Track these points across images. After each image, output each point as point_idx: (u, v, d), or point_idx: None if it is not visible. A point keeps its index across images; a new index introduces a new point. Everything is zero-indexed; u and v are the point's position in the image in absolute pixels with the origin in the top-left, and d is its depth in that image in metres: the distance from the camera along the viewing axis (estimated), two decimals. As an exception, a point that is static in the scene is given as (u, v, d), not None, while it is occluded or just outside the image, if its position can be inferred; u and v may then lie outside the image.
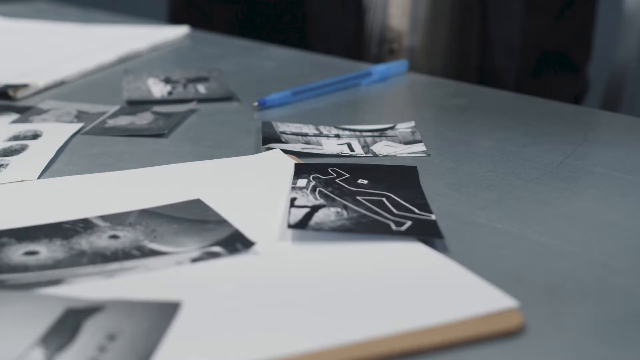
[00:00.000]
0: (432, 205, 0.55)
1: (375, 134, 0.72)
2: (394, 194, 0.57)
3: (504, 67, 1.22)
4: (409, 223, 0.52)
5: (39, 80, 0.89)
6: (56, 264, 0.48)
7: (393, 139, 0.71)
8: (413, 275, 0.46)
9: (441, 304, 0.43)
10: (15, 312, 0.42)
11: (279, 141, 0.68)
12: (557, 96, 0.87)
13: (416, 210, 0.54)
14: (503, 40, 1.21)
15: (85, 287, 0.45)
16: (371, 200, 0.56)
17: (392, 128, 0.73)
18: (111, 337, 0.40)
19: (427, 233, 0.51)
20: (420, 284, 0.45)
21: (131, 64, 1.00)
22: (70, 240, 0.51)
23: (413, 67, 1.19)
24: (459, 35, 1.23)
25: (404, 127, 0.73)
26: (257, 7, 1.29)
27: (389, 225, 0.52)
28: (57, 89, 0.89)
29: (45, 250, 0.49)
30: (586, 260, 0.49)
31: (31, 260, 0.48)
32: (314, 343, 0.39)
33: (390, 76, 0.92)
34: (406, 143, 0.70)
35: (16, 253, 0.49)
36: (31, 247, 0.50)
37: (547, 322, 0.42)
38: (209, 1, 1.31)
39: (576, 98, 1.29)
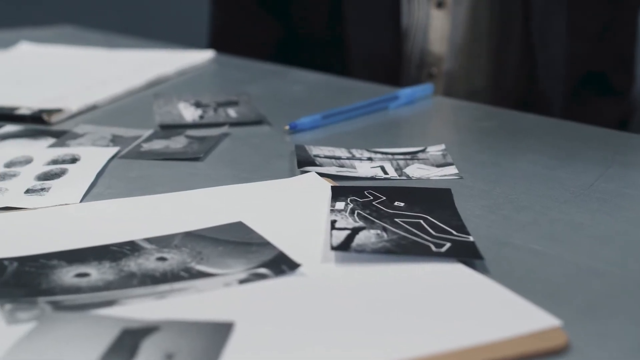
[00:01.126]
0: (468, 226, 0.56)
1: (407, 156, 0.73)
2: (430, 216, 0.58)
3: (549, 92, 1.23)
4: (448, 244, 0.53)
5: (72, 104, 0.90)
6: (107, 286, 0.49)
7: (425, 161, 0.72)
8: (457, 296, 0.48)
9: (487, 323, 0.44)
10: (73, 332, 0.43)
11: (314, 164, 0.70)
12: (602, 121, 0.88)
13: (454, 232, 0.55)
14: (548, 65, 1.22)
15: (138, 308, 0.47)
16: (409, 222, 0.57)
17: (423, 151, 0.75)
18: (169, 356, 0.41)
19: (467, 254, 0.52)
20: (464, 304, 0.47)
21: (160, 88, 1.02)
22: (119, 262, 0.52)
23: (452, 91, 1.20)
24: (498, 60, 1.25)
25: (435, 150, 0.75)
26: (296, 33, 1.31)
27: (429, 247, 0.53)
28: (90, 113, 0.91)
29: (95, 272, 0.51)
30: (624, 280, 0.50)
31: (83, 282, 0.49)
32: (372, 358, 0.40)
33: (416, 99, 0.93)
34: (438, 166, 0.71)
35: (67, 275, 0.50)
36: (81, 269, 0.51)
37: (591, 340, 0.43)
38: (250, 27, 1.33)
39: (623, 122, 1.30)
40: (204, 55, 1.17)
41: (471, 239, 0.54)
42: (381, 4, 1.23)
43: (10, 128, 0.84)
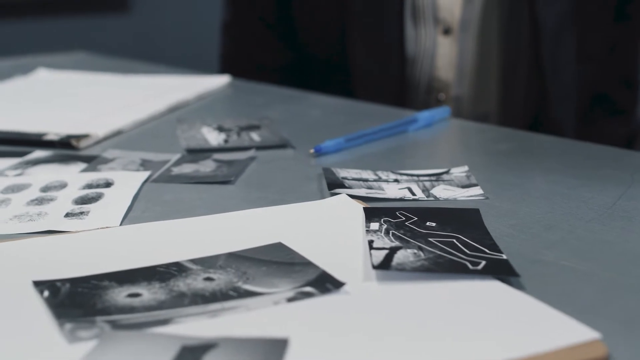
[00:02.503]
0: (500, 245, 0.59)
1: (432, 178, 0.75)
2: (462, 236, 0.60)
3: (559, 115, 1.25)
4: (483, 262, 0.55)
5: (99, 130, 0.92)
6: (160, 305, 0.51)
7: (450, 182, 0.74)
8: (497, 311, 0.50)
9: (528, 337, 0.46)
10: (135, 350, 0.45)
11: (343, 186, 0.72)
12: (609, 141, 0.90)
13: (487, 251, 0.57)
14: (558, 89, 1.24)
15: (193, 326, 0.48)
16: (443, 241, 0.59)
17: (447, 172, 0.77)
18: (230, 372, 0.43)
19: (503, 272, 0.54)
20: (505, 319, 0.49)
21: (181, 113, 1.04)
22: (168, 282, 0.54)
23: (461, 116, 1.22)
24: (506, 85, 1.27)
25: (459, 172, 0.77)
26: (305, 60, 1.34)
27: (465, 265, 0.55)
28: (115, 138, 0.93)
29: (146, 293, 0.53)
30: (656, 295, 0.52)
31: (136, 301, 0.51)
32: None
33: (434, 122, 0.96)
34: (463, 186, 0.73)
35: (120, 295, 0.52)
36: (133, 289, 0.53)
37: (630, 352, 0.45)
38: (259, 53, 1.36)
39: (630, 141, 1.32)
40: (220, 80, 1.19)
41: (504, 257, 0.56)
42: (387, 32, 1.25)
43: (40, 153, 0.86)
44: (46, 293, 0.53)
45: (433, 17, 1.25)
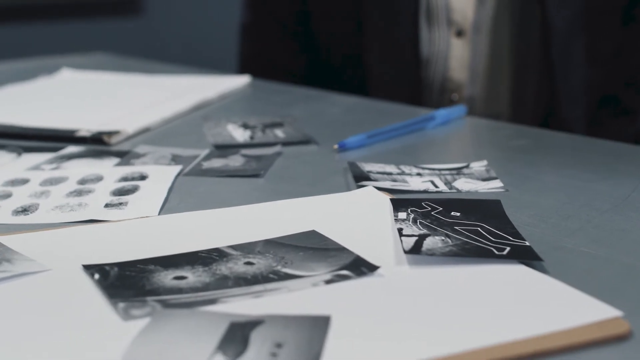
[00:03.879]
0: (521, 233, 0.62)
1: (453, 172, 0.79)
2: (486, 224, 0.63)
3: (569, 116, 1.28)
4: (508, 248, 0.59)
5: (128, 127, 0.96)
6: (206, 287, 0.54)
7: (470, 176, 0.77)
8: (523, 292, 0.53)
9: (553, 315, 0.50)
10: (187, 326, 0.49)
11: (369, 179, 0.75)
12: (617, 140, 0.93)
13: (510, 238, 0.61)
14: (569, 92, 1.27)
15: (238, 305, 0.52)
16: (468, 229, 0.62)
17: (467, 167, 0.80)
18: (279, 346, 0.46)
19: (528, 256, 0.57)
20: (530, 299, 0.52)
21: (205, 112, 1.07)
22: (211, 266, 0.57)
23: (474, 116, 1.25)
24: (518, 85, 1.30)
25: (478, 166, 0.80)
26: (320, 60, 1.37)
27: (491, 250, 0.58)
28: (144, 134, 0.96)
29: (191, 276, 0.56)
30: (672, 279, 0.55)
31: (182, 283, 0.55)
32: (445, 349, 0.46)
33: (451, 120, 0.99)
34: (483, 180, 0.76)
35: (167, 278, 0.56)
36: (177, 272, 0.56)
37: (650, 329, 0.48)
38: (278, 55, 1.39)
39: (637, 141, 1.34)
40: (241, 80, 1.22)
41: (527, 243, 0.60)
42: (402, 33, 1.29)
43: (73, 149, 0.90)
44: (97, 276, 0.56)
45: (446, 19, 1.28)
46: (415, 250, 0.58)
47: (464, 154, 0.91)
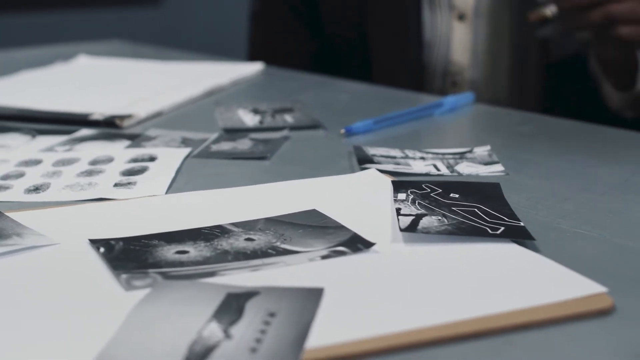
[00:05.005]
0: (518, 214, 0.63)
1: (456, 156, 0.80)
2: (483, 206, 0.65)
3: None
4: (502, 228, 0.60)
5: (140, 111, 0.98)
6: (206, 261, 0.56)
7: (473, 160, 0.79)
8: (513, 268, 0.54)
9: (544, 290, 0.51)
10: (185, 296, 0.51)
11: (372, 162, 0.77)
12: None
13: (506, 219, 0.62)
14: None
15: (236, 278, 0.54)
16: (465, 210, 0.64)
17: (470, 151, 0.81)
18: (272, 314, 0.48)
19: (520, 236, 0.59)
20: (519, 275, 0.53)
21: (217, 97, 1.09)
22: (212, 242, 0.59)
23: (476, 99, 1.27)
24: (519, 68, 1.31)
25: (481, 151, 0.81)
26: (326, 46, 1.39)
27: (485, 230, 0.60)
28: (156, 119, 0.98)
29: (193, 250, 0.58)
30: (662, 258, 0.56)
31: (183, 257, 0.57)
32: (433, 320, 0.47)
33: (458, 107, 1.00)
34: (485, 164, 0.78)
35: (169, 252, 0.57)
36: (180, 247, 0.58)
37: (635, 304, 0.50)
38: (286, 40, 1.41)
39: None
40: (254, 68, 1.24)
41: (522, 224, 0.61)
42: (406, 17, 1.30)
43: (86, 132, 0.92)
44: (102, 249, 0.58)
45: (448, 3, 1.30)
46: (411, 228, 0.60)
47: (469, 140, 0.92)
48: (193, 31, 3.03)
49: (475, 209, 0.64)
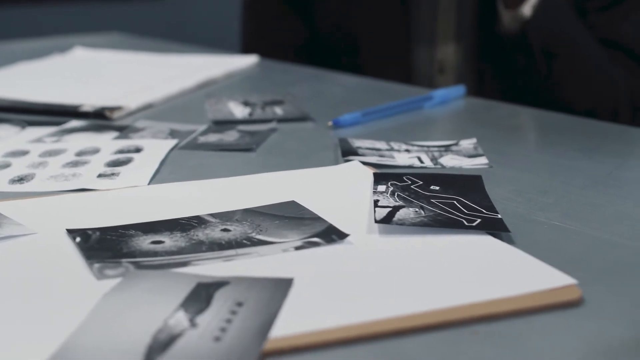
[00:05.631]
0: (497, 207, 0.63)
1: (442, 149, 0.80)
2: (463, 198, 0.65)
3: None
4: (478, 220, 0.60)
5: (131, 103, 0.98)
6: (180, 251, 0.56)
7: (458, 152, 0.79)
8: (484, 260, 0.54)
9: (513, 281, 0.51)
10: (155, 285, 0.51)
11: (356, 154, 0.77)
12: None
13: (484, 211, 0.62)
14: None
15: (208, 268, 0.54)
16: (444, 202, 0.64)
17: (456, 144, 0.81)
18: (239, 304, 0.48)
19: (495, 227, 0.59)
20: (491, 267, 0.53)
21: (210, 90, 1.09)
22: (189, 232, 0.59)
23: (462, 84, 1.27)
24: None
25: (467, 143, 0.81)
26: (316, 38, 1.39)
27: (461, 222, 0.60)
28: (147, 110, 0.99)
29: (168, 240, 0.58)
30: (636, 250, 0.56)
31: (158, 247, 0.57)
32: (399, 310, 0.47)
33: (449, 100, 1.00)
34: (470, 156, 0.78)
35: (145, 242, 0.58)
36: (156, 237, 0.59)
37: (604, 296, 0.50)
38: (278, 28, 1.41)
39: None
40: (249, 60, 1.24)
41: (499, 216, 0.61)
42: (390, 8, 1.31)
43: (76, 123, 0.92)
44: (78, 239, 0.58)
45: None
46: (387, 220, 0.60)
47: (457, 132, 0.92)
48: (196, 25, 3.03)
49: (455, 201, 0.64)
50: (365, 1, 1.32)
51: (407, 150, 0.79)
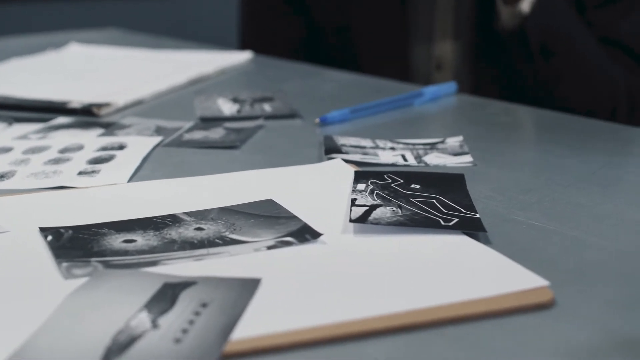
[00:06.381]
0: (477, 206, 0.62)
1: (427, 146, 0.79)
2: (443, 197, 0.64)
3: None
4: (456, 220, 0.59)
5: (119, 99, 0.97)
6: (152, 250, 0.56)
7: (443, 151, 0.78)
8: (458, 260, 0.54)
9: (483, 282, 0.50)
10: (122, 285, 0.50)
11: (340, 152, 0.76)
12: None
13: (463, 210, 0.61)
14: None
15: (178, 267, 0.53)
16: (423, 201, 0.63)
17: (442, 142, 0.81)
18: (204, 305, 0.47)
19: (472, 227, 0.58)
20: (464, 267, 0.53)
21: (201, 86, 1.09)
22: (162, 231, 0.59)
23: (460, 82, 1.26)
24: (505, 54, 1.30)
25: (453, 141, 0.81)
26: (315, 35, 1.38)
27: (438, 221, 0.59)
28: (136, 107, 0.98)
29: (140, 239, 0.57)
30: (613, 251, 0.55)
31: (130, 246, 0.56)
32: (366, 312, 0.47)
33: (440, 97, 0.99)
34: (455, 154, 0.77)
35: (116, 241, 0.57)
36: (128, 236, 0.58)
37: (576, 298, 0.49)
38: (276, 24, 1.40)
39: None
40: (243, 56, 1.24)
41: (477, 216, 0.60)
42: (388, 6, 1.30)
43: (62, 120, 0.92)
44: (49, 237, 0.58)
45: None
46: (362, 219, 0.59)
47: (445, 130, 0.91)
48: (195, 21, 3.03)
49: (434, 200, 0.63)
50: None
51: (392, 148, 0.79)
